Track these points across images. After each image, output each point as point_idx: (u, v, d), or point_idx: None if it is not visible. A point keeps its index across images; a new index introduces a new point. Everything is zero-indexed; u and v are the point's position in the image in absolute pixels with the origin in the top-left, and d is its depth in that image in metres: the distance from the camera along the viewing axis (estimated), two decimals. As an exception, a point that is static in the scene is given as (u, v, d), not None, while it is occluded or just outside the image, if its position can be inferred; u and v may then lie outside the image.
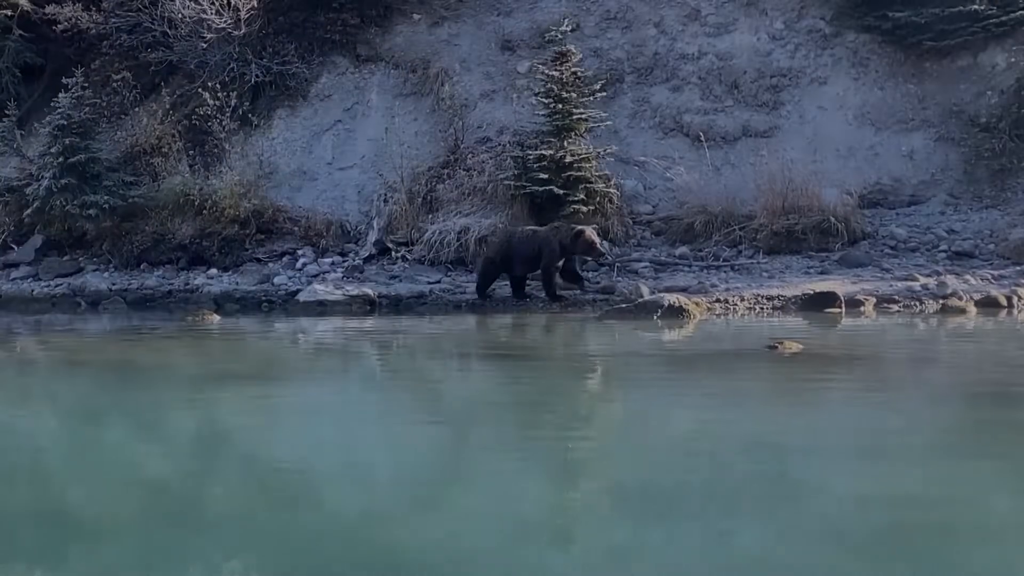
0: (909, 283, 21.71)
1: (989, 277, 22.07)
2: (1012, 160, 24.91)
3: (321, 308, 22.60)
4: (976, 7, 25.93)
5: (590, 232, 21.64)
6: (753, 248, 23.76)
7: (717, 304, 21.00)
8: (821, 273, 22.69)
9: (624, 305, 20.34)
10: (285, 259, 25.45)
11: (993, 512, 7.48)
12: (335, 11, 28.18)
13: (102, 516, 7.72)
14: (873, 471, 8.48)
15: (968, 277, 21.95)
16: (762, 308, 21.06)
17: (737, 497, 7.77)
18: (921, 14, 26.07)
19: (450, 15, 28.74)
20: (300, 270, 24.83)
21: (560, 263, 21.86)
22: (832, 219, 23.60)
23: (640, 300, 20.33)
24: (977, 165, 25.24)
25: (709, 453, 9.21)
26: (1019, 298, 20.74)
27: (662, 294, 20.47)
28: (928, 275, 22.06)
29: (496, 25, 28.32)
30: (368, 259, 24.93)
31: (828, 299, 20.77)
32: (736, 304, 21.13)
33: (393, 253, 24.92)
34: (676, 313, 19.73)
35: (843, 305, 20.58)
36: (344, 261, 25.03)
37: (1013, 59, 25.90)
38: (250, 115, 27.03)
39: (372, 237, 25.22)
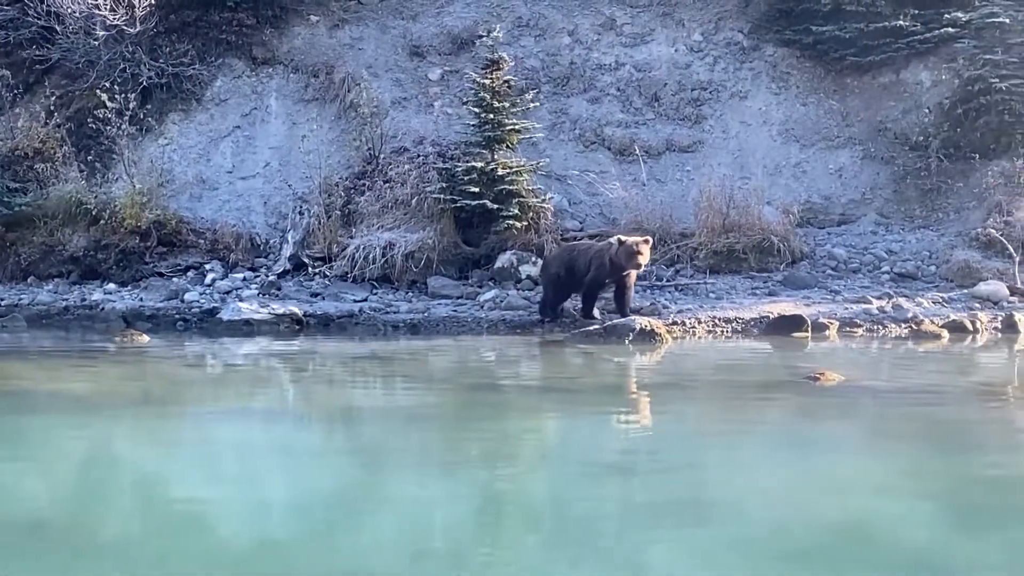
0: (864, 306, 21.15)
1: (941, 300, 21.62)
2: (944, 180, 24.56)
3: (247, 328, 21.01)
4: (900, 23, 25.56)
5: (632, 240, 19.95)
6: (692, 267, 22.89)
7: (675, 327, 20.07)
8: (769, 295, 21.98)
9: (593, 328, 19.32)
10: (191, 274, 23.74)
11: None
12: (230, 10, 26.53)
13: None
14: None
15: (922, 300, 21.47)
16: (722, 331, 20.21)
17: None
18: (845, 29, 25.63)
19: (351, 18, 27.30)
20: (211, 286, 23.14)
21: (608, 279, 20.29)
22: (773, 238, 22.89)
23: (610, 323, 19.33)
24: (906, 184, 24.84)
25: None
26: (981, 323, 20.33)
27: (633, 317, 19.47)
28: (879, 297, 21.51)
29: (402, 30, 27.00)
30: (282, 274, 23.36)
31: (795, 323, 20.05)
32: (695, 327, 20.25)
33: (310, 268, 23.39)
34: (648, 337, 18.87)
35: (810, 329, 19.84)
36: (256, 276, 23.45)
37: (939, 76, 25.57)
38: (142, 119, 25.08)
39: (287, 251, 23.67)
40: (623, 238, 19.99)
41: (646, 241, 20.10)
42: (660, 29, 26.96)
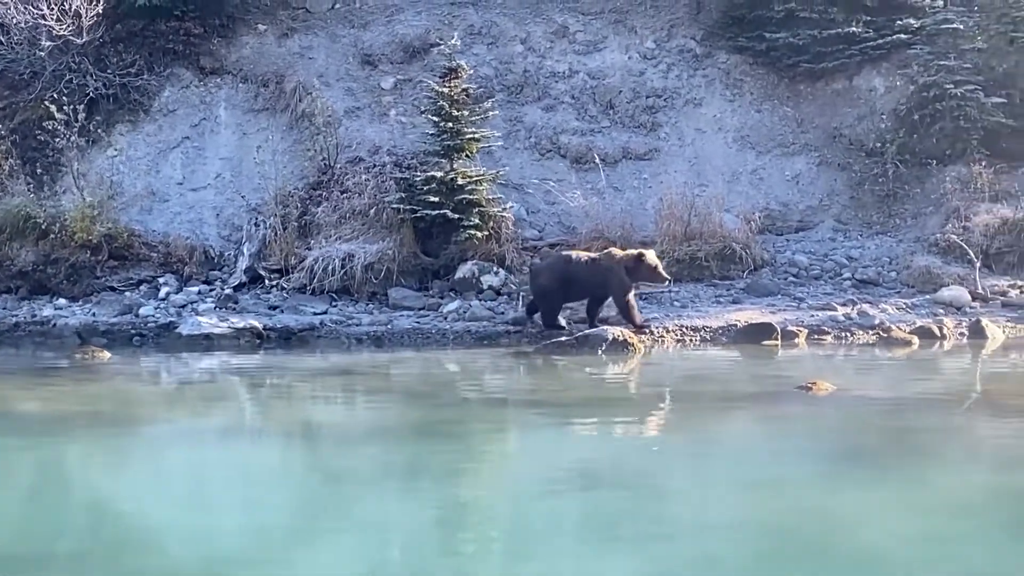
0: (830, 313, 21.12)
1: (905, 306, 21.65)
2: (900, 186, 24.62)
3: (207, 342, 20.59)
4: (853, 29, 25.61)
5: (650, 255, 20.08)
6: (655, 275, 22.71)
7: (644, 336, 19.86)
8: (734, 302, 21.90)
9: (564, 339, 19.11)
10: (144, 288, 23.18)
11: None
12: (176, 19, 26.01)
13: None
14: None
15: (886, 306, 21.49)
16: (690, 340, 20.06)
17: None
18: (798, 36, 25.62)
19: (299, 27, 26.91)
20: (165, 300, 22.63)
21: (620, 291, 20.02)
22: (735, 246, 22.81)
23: (581, 333, 19.13)
24: (863, 190, 24.89)
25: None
26: (948, 329, 20.35)
27: (604, 327, 19.30)
28: (844, 304, 21.49)
29: (353, 38, 26.66)
30: (238, 287, 22.92)
31: (765, 331, 19.95)
32: (663, 336, 20.09)
33: (267, 281, 22.97)
34: (621, 347, 18.76)
35: (780, 337, 19.75)
36: (211, 290, 22.98)
37: (892, 83, 25.64)
38: (90, 130, 24.52)
39: (242, 264, 23.22)
40: (643, 252, 20.09)
41: (653, 253, 20.37)
42: (613, 36, 26.83)
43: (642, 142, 25.58)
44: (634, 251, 20.20)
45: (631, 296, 19.97)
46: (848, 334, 20.32)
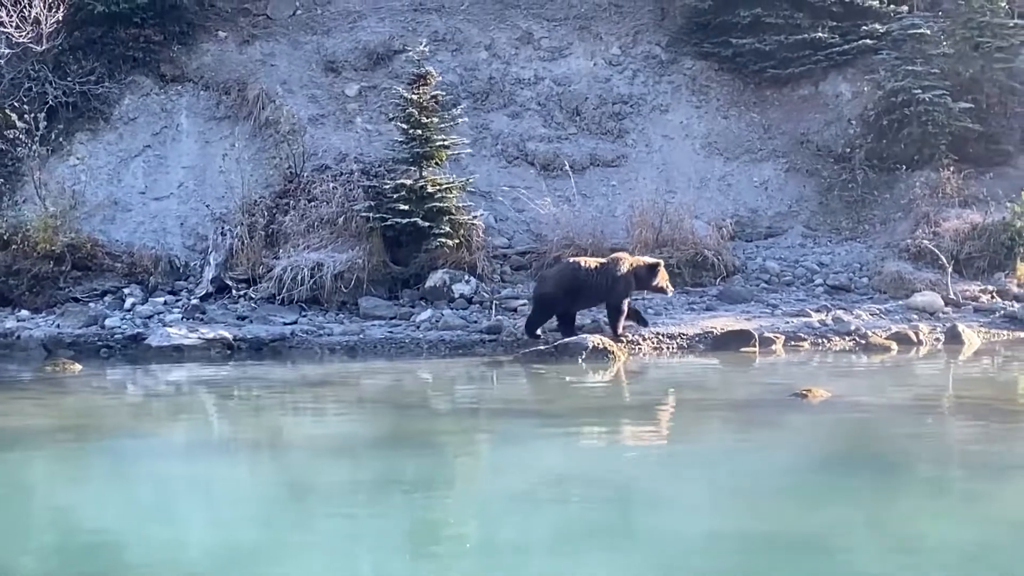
0: (805, 319, 21.08)
1: (879, 312, 21.63)
2: (869, 191, 24.62)
3: (177, 353, 20.25)
4: (819, 35, 25.59)
5: (662, 265, 20.25)
6: (627, 283, 22.56)
7: (621, 344, 19.71)
8: (707, 309, 21.82)
9: (543, 347, 18.91)
10: (108, 298, 22.76)
11: None
12: (136, 26, 25.60)
13: None
14: None
15: (860, 312, 21.45)
16: (667, 348, 19.94)
17: None
18: (764, 41, 25.58)
19: (260, 34, 26.59)
20: (131, 310, 22.24)
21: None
22: (707, 253, 22.72)
23: (561, 342, 18.96)
24: (832, 196, 24.87)
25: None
26: (924, 334, 20.34)
27: (584, 335, 19.11)
28: (818, 310, 21.45)
29: (315, 45, 26.36)
30: (205, 297, 22.56)
31: (742, 338, 19.89)
32: (639, 344, 19.94)
33: (234, 291, 22.63)
34: (601, 355, 18.62)
35: (757, 344, 19.65)
36: (178, 300, 22.62)
37: (859, 88, 25.65)
38: (51, 139, 24.08)
39: (209, 274, 22.87)
40: (659, 261, 20.28)
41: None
42: (578, 43, 26.69)
43: (609, 149, 25.44)
44: (648, 260, 20.26)
45: (627, 303, 19.84)
46: (825, 340, 20.29)
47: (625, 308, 19.87)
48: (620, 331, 19.76)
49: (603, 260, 20.13)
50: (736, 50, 25.91)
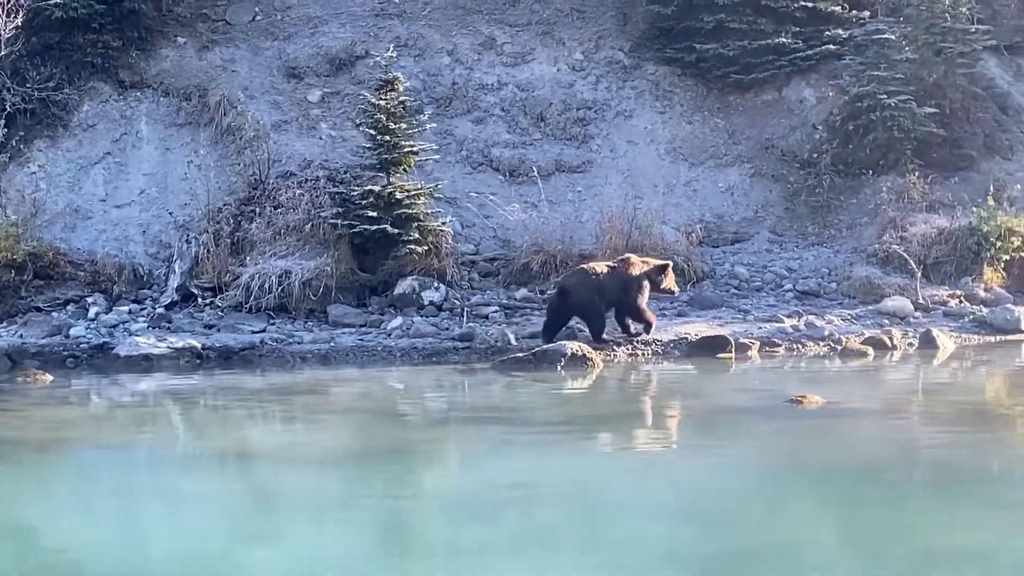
0: (777, 325, 21.09)
1: (850, 317, 21.66)
2: (835, 196, 24.65)
3: (146, 363, 19.96)
4: (783, 40, 25.61)
5: (671, 268, 20.32)
6: (597, 289, 22.45)
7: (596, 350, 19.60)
8: (679, 315, 21.78)
9: (521, 354, 18.83)
10: (71, 308, 22.38)
11: None
12: (94, 32, 25.22)
13: None
14: None
15: (832, 317, 21.48)
16: (643, 354, 19.84)
17: None
18: (727, 47, 25.56)
19: (220, 39, 26.27)
20: (95, 320, 21.88)
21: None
22: (676, 258, 22.59)
23: (539, 348, 18.82)
24: (798, 201, 24.89)
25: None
26: (897, 339, 20.38)
27: (563, 342, 18.98)
28: (789, 316, 21.46)
29: (277, 51, 26.07)
30: (170, 306, 22.24)
31: (718, 344, 19.82)
32: (615, 350, 19.81)
33: (200, 299, 22.32)
34: (580, 362, 18.51)
35: (734, 349, 19.60)
36: (142, 309, 22.29)
37: (823, 93, 25.70)
38: (10, 146, 23.69)
39: (174, 282, 22.55)
40: (668, 263, 20.33)
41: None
42: (541, 48, 26.58)
43: (575, 154, 25.34)
44: (658, 261, 20.31)
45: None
46: (799, 345, 20.31)
47: (644, 304, 19.86)
48: (650, 319, 20.01)
49: (612, 263, 20.08)
50: (699, 55, 25.89)
